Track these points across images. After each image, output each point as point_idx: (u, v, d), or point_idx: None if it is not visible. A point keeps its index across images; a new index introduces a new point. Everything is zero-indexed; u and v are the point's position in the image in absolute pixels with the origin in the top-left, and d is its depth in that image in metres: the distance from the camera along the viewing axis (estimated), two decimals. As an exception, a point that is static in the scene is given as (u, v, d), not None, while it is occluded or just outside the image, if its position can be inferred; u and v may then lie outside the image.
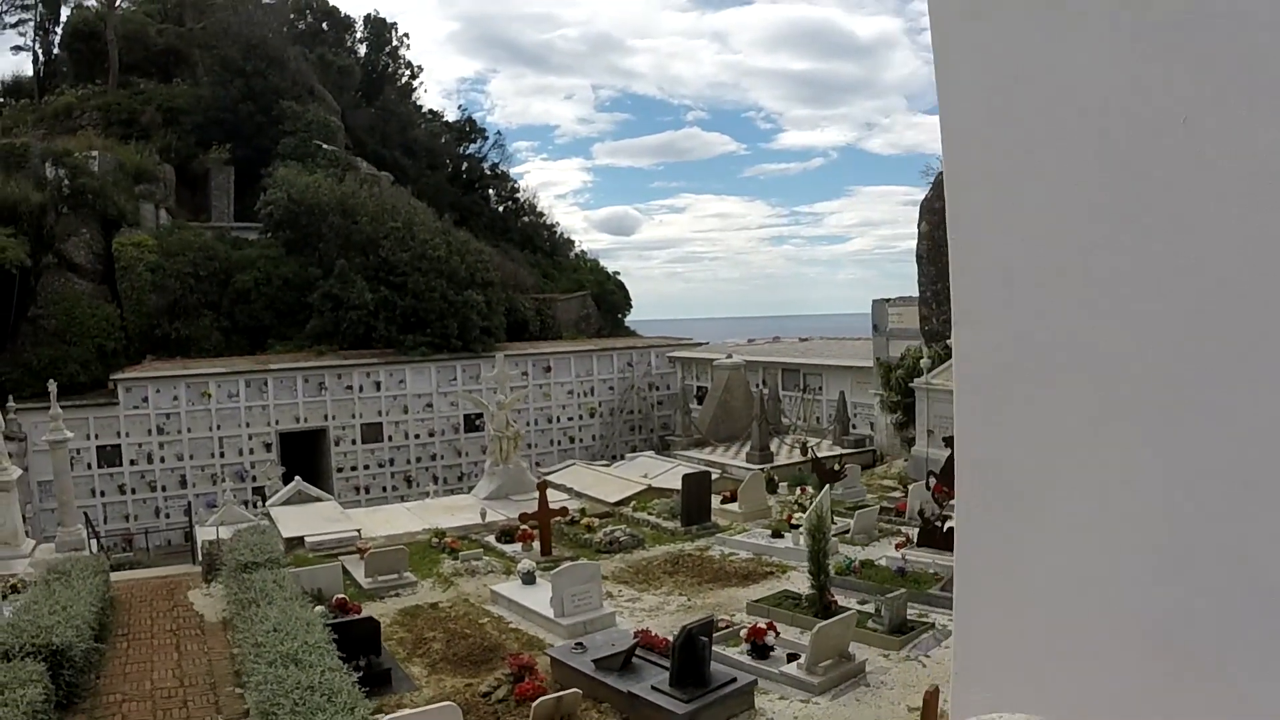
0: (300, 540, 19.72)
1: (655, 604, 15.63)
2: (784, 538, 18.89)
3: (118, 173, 40.91)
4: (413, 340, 37.70)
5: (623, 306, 54.11)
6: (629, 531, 19.98)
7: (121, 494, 32.55)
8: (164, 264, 37.05)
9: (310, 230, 39.94)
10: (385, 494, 35.37)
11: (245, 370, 34.84)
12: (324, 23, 61.55)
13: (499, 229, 54.26)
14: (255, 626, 11.22)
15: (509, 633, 14.25)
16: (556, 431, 40.57)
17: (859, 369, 33.10)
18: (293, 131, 46.38)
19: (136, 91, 49.62)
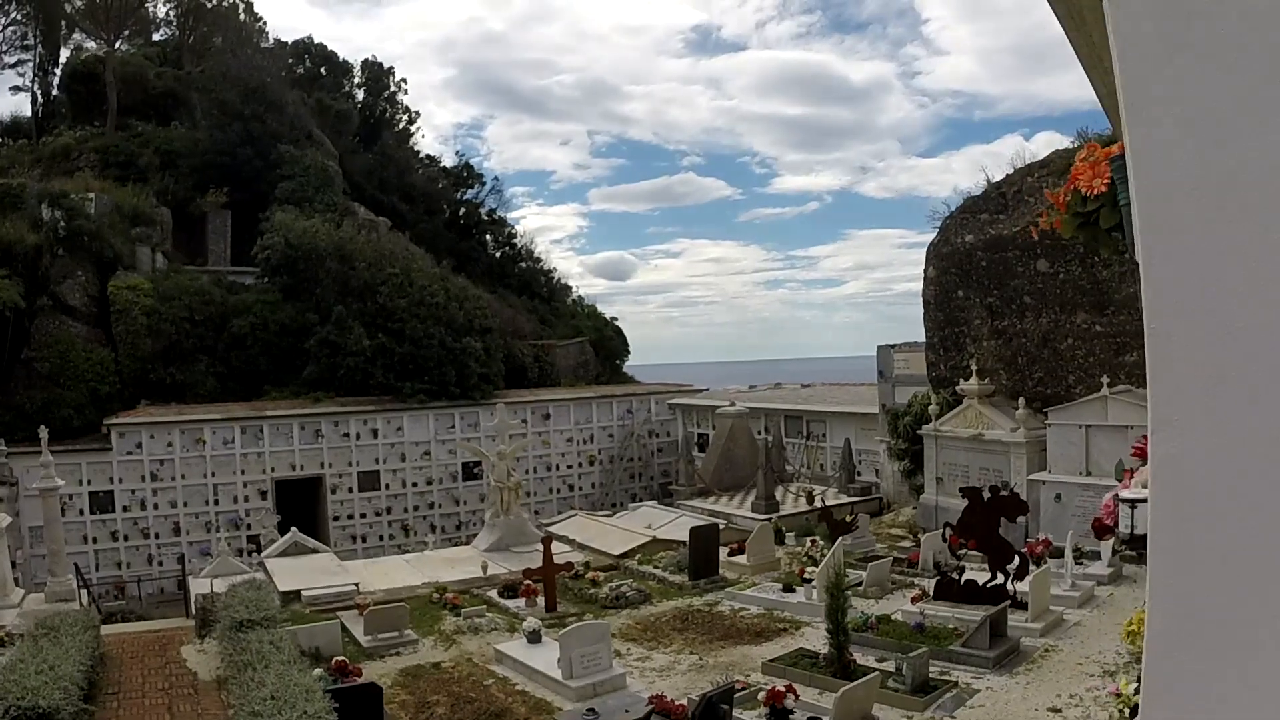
0: (297, 595, 19.22)
1: (666, 663, 15.09)
2: (795, 592, 18.44)
3: (114, 215, 40.54)
4: (410, 387, 37.21)
5: (621, 353, 53.86)
6: (635, 586, 19.50)
7: (114, 541, 31.94)
8: (159, 308, 36.65)
9: (307, 275, 39.56)
10: (382, 543, 34.82)
11: (241, 417, 34.32)
12: (322, 67, 61.69)
13: (496, 275, 54.01)
14: (252, 693, 10.69)
15: (515, 695, 13.70)
16: (556, 480, 40.03)
17: (863, 415, 32.62)
18: (290, 176, 46.05)
19: (134, 134, 49.57)
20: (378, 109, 64.05)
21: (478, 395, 38.61)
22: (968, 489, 17.33)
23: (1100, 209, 4.10)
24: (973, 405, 24.88)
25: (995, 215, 26.08)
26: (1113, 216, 4.01)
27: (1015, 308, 25.12)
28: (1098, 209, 4.12)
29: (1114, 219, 4.01)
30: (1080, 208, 4.22)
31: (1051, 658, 14.27)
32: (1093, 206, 4.14)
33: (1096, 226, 4.21)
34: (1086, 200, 4.15)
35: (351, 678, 13.09)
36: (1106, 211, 4.06)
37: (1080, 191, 4.17)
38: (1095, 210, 4.14)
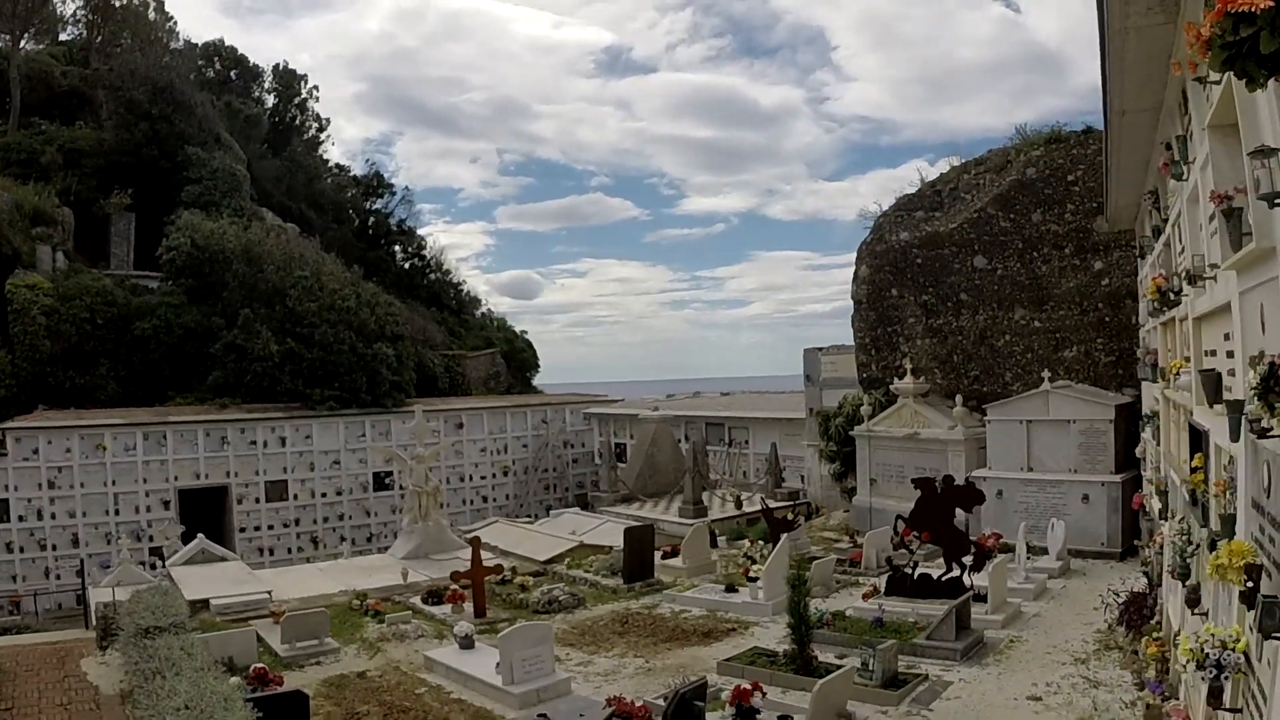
0: (205, 603, 18.14)
1: (610, 667, 14.49)
2: (739, 592, 18.02)
3: (14, 213, 39.06)
4: (320, 394, 36.20)
5: (531, 366, 53.29)
6: (568, 590, 18.82)
7: (8, 553, 30.39)
8: (59, 308, 35.22)
9: (214, 278, 38.41)
10: (290, 555, 33.54)
11: (143, 422, 32.99)
12: (232, 71, 60.63)
13: (405, 285, 52.86)
14: (162, 703, 9.70)
15: (451, 704, 12.93)
16: (469, 490, 39.13)
17: (788, 421, 32.41)
18: (198, 179, 44.59)
19: (37, 132, 47.82)
20: (288, 115, 62.86)
21: (389, 403, 37.69)
22: (920, 480, 17.03)
23: (1259, 32, 3.46)
24: (908, 404, 24.62)
25: (931, 213, 25.88)
26: (1275, 41, 3.39)
27: (951, 305, 24.91)
28: (1255, 33, 3.48)
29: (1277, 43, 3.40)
30: (1231, 35, 3.56)
31: (1018, 648, 14.13)
32: (1247, 32, 3.49)
33: (1250, 59, 3.57)
34: (1240, 24, 3.50)
35: (273, 686, 12.17)
36: (1266, 36, 3.43)
37: (1233, 15, 3.51)
38: (1252, 35, 3.49)
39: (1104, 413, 20.92)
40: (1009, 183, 24.15)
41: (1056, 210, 23.29)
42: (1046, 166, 23.63)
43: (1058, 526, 19.55)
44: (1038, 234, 23.51)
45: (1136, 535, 19.34)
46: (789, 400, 35.62)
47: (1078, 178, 23.06)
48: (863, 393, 26.87)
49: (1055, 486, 21.05)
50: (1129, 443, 20.46)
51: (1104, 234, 21.99)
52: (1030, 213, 23.65)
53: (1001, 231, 24.06)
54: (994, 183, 24.74)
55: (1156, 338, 13.85)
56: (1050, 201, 23.39)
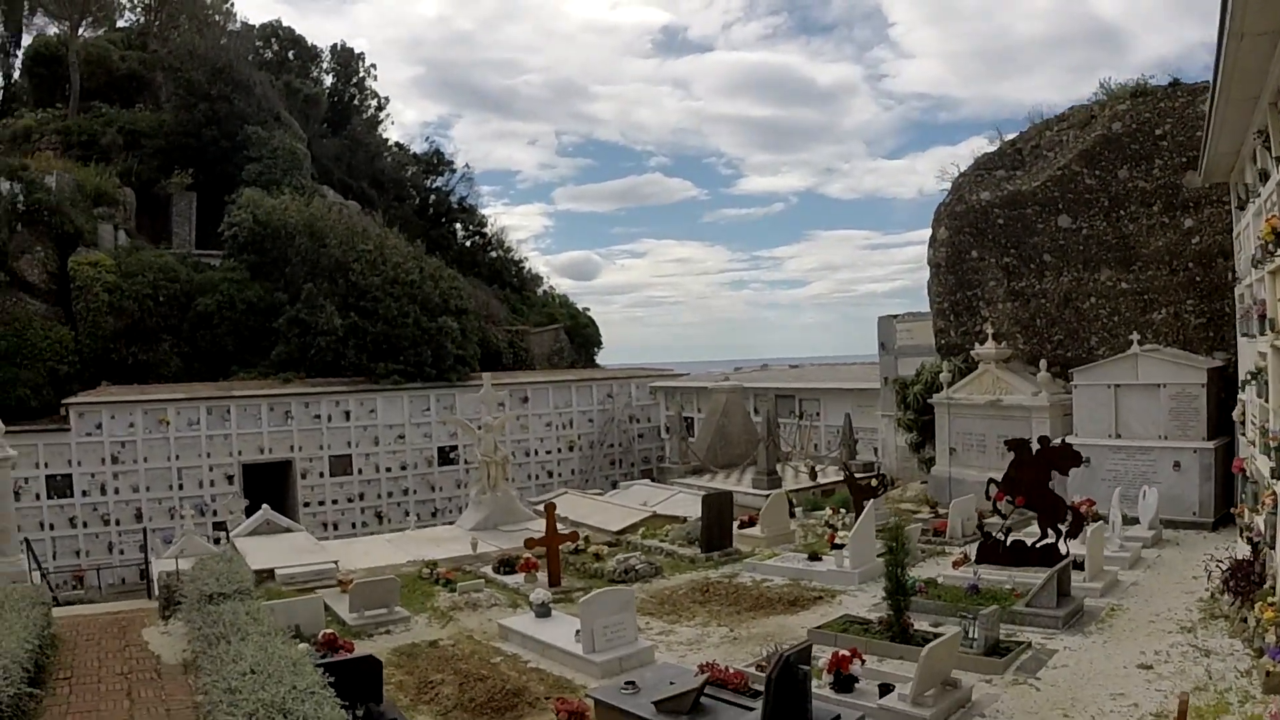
0: (270, 573, 17.60)
1: (693, 636, 13.84)
2: (823, 561, 17.26)
3: (76, 194, 39.19)
4: (384, 368, 35.99)
5: (595, 342, 52.95)
6: (645, 559, 18.08)
7: (72, 527, 30.50)
8: (122, 285, 35.16)
9: (276, 254, 38.31)
10: (354, 530, 33.28)
11: (207, 397, 32.94)
12: (290, 51, 60.11)
13: (466, 263, 52.32)
14: (227, 668, 9.02)
15: (529, 673, 12.27)
16: (534, 465, 38.78)
17: (861, 391, 31.70)
18: (258, 158, 44.54)
19: (98, 115, 47.94)
20: (347, 94, 62.53)
21: (454, 377, 37.38)
22: (1014, 441, 16.13)
23: None
24: (989, 370, 23.66)
25: (1012, 171, 24.85)
26: None
27: (1034, 267, 23.90)
28: None
29: None
30: None
31: (1120, 617, 13.43)
32: None
33: None
34: None
35: (342, 653, 11.53)
36: None
37: None
38: None
39: (1196, 376, 19.91)
40: (1093, 139, 23.07)
41: (1144, 166, 22.21)
42: (1133, 121, 22.51)
43: (1149, 494, 18.62)
44: (1124, 191, 22.43)
45: (1229, 504, 18.34)
46: (859, 371, 35.00)
47: (1166, 132, 21.96)
48: (941, 360, 25.94)
49: (1145, 453, 20.09)
50: (1221, 408, 19.58)
51: (1195, 189, 20.94)
52: (1116, 169, 22.56)
53: (1086, 189, 23.00)
54: (1078, 139, 23.68)
55: (1265, 287, 12.86)
56: (1137, 157, 22.31)
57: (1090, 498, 18.38)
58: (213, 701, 8.59)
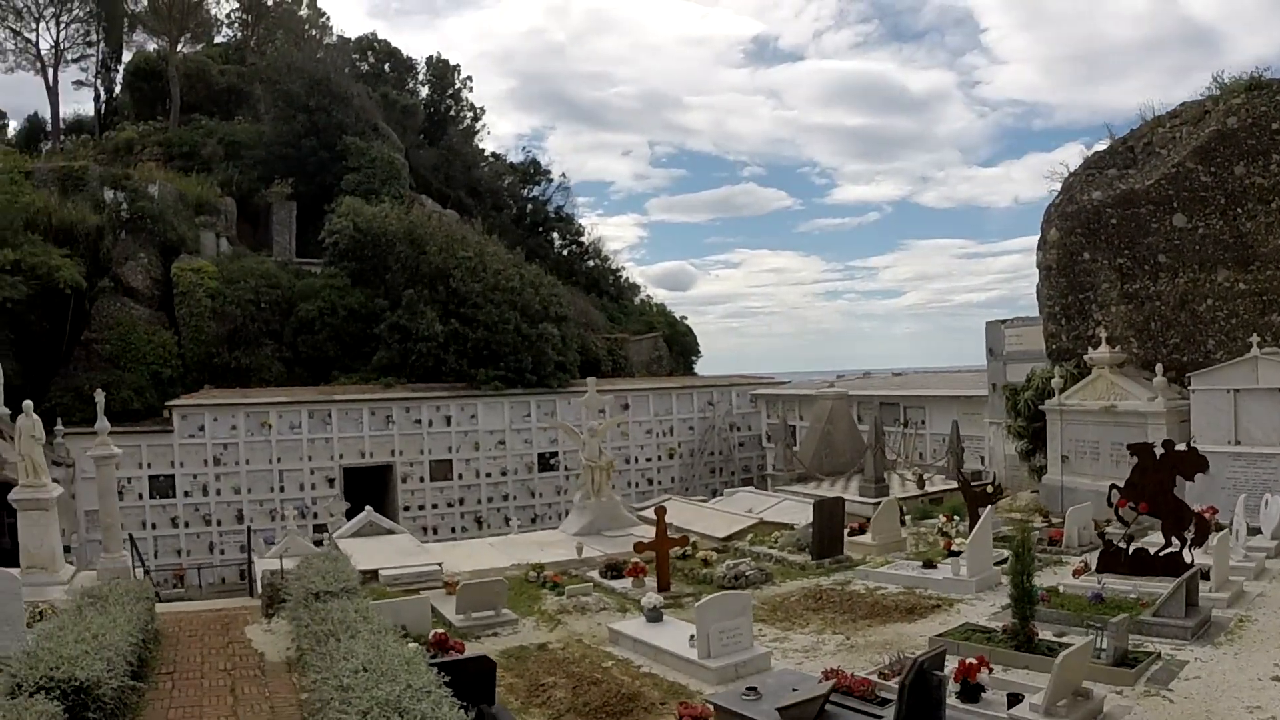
0: (374, 574, 17.27)
1: (808, 644, 13.28)
2: (937, 568, 16.61)
3: (178, 203, 40.05)
4: (485, 374, 35.85)
5: (693, 350, 52.51)
6: (755, 565, 17.44)
7: (174, 527, 30.86)
8: (224, 290, 35.61)
9: (376, 261, 38.42)
10: (454, 535, 33.12)
11: (309, 400, 33.18)
12: (386, 64, 60.85)
13: (564, 271, 52.17)
14: (338, 665, 8.68)
15: (642, 678, 11.78)
16: (634, 473, 38.38)
17: (966, 398, 31.06)
18: (356, 168, 44.87)
19: (198, 127, 48.75)
20: (443, 105, 63.03)
21: (554, 383, 37.17)
22: (1137, 445, 15.38)
23: None
24: (1103, 375, 22.68)
25: (1124, 170, 23.80)
26: None
27: (1148, 268, 22.85)
28: None
29: None
30: None
31: (1249, 628, 12.70)
32: None
33: None
34: None
35: (452, 653, 11.09)
36: None
37: None
38: None
39: (1320, 380, 18.89)
40: (1208, 134, 22.00)
41: (1261, 162, 21.11)
42: (1249, 115, 21.40)
43: (1273, 503, 17.66)
44: (1241, 188, 21.33)
45: (1356, 515, 17.27)
46: (965, 379, 34.32)
47: (1284, 124, 20.89)
48: (1051, 365, 24.98)
49: (1266, 460, 19.08)
50: (1346, 414, 18.50)
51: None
52: (1232, 165, 21.47)
53: (1201, 187, 21.92)
54: (1191, 135, 22.62)
55: None
56: (1254, 153, 21.20)
57: (1213, 505, 17.46)
58: (323, 699, 8.29)
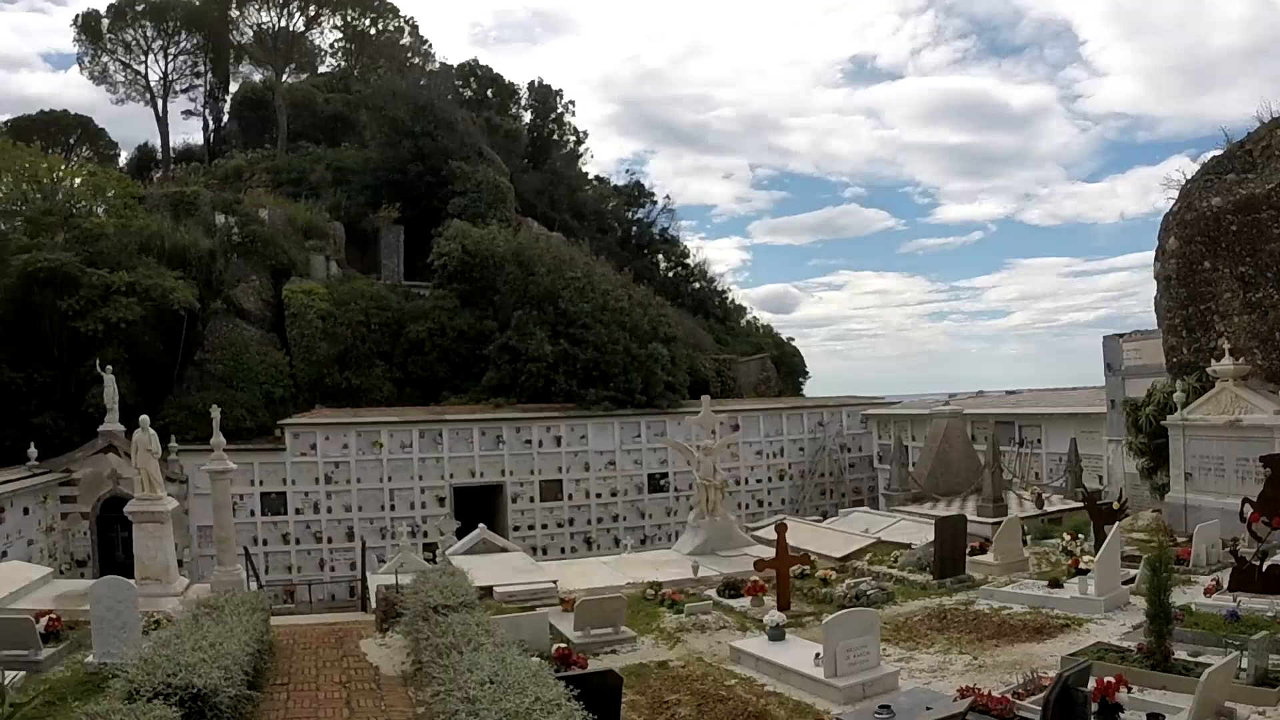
0: (488, 591, 16.99)
1: (934, 664, 12.83)
2: (1064, 587, 16.00)
3: (288, 227, 40.63)
4: (595, 394, 35.72)
5: (800, 372, 52.15)
6: (875, 584, 16.89)
7: (285, 543, 31.22)
8: (335, 312, 36.02)
9: (484, 282, 38.66)
10: (564, 556, 32.73)
11: (419, 420, 33.30)
12: (489, 89, 61.29)
13: (670, 294, 51.85)
14: (463, 677, 8.45)
15: (767, 696, 11.39)
16: (745, 494, 37.98)
17: (1084, 416, 30.22)
18: (463, 191, 45.32)
19: (305, 154, 49.45)
20: (545, 130, 63.36)
21: (664, 404, 36.86)
22: (1270, 457, 14.62)
23: None
24: (1227, 388, 21.59)
25: (1243, 174, 22.75)
26: None
27: (1272, 275, 21.77)
28: None
29: None
30: None
31: None
32: None
33: None
34: None
35: (574, 669, 10.74)
36: None
37: None
38: None
39: None
40: (1328, 135, 21.00)
41: (1384, 161, 20.10)
42: (1371, 112, 20.44)
43: None
44: (1366, 190, 20.30)
45: None
46: (1080, 396, 33.41)
47: (1407, 120, 19.85)
48: (1172, 379, 23.95)
49: None
50: None
51: None
52: (1354, 166, 20.48)
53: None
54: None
55: None
56: (1377, 153, 20.20)
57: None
58: (448, 711, 8.06)
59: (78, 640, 13.34)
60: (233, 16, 56.47)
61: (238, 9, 56.19)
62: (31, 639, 12.66)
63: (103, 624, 12.27)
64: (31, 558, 23.74)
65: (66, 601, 16.03)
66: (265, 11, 55.47)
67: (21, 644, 12.47)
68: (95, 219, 35.52)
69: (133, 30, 56.51)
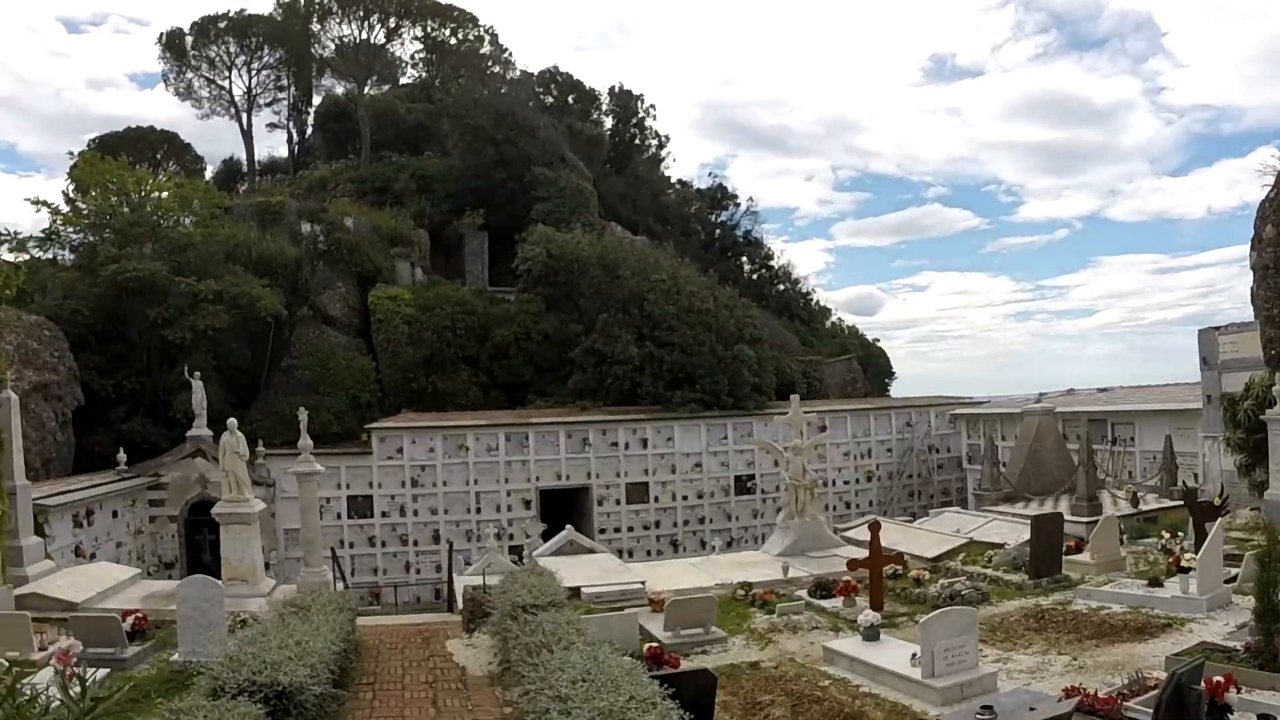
0: (576, 592, 16.77)
1: (1033, 664, 12.50)
2: (1164, 587, 15.54)
3: (373, 235, 40.94)
4: (681, 396, 35.46)
5: (887, 373, 51.81)
6: (969, 584, 16.47)
7: (371, 546, 31.35)
8: (421, 317, 36.21)
9: (569, 286, 38.64)
10: (650, 559, 32.40)
11: (506, 423, 33.31)
12: (570, 96, 61.26)
13: (755, 296, 51.57)
14: (554, 675, 8.23)
15: (863, 698, 11.10)
16: (832, 496, 37.26)
17: (1178, 412, 29.45)
18: (546, 197, 45.31)
19: (388, 163, 49.89)
20: (627, 135, 63.28)
21: (750, 405, 36.45)
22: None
23: None
24: (1326, 381, 20.77)
25: (1340, 157, 21.86)
26: None
27: (1376, 260, 20.92)
28: None
29: None
30: None
31: None
32: None
33: None
34: None
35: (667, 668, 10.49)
36: None
37: None
38: None
39: None
40: None
41: None
42: None
43: None
44: None
45: None
46: (1174, 392, 32.66)
47: None
48: (1271, 372, 23.11)
49: None
50: None
51: None
52: None
53: None
54: None
55: None
56: None
57: None
58: (539, 709, 7.85)
59: (163, 639, 13.42)
60: (314, 30, 57.10)
61: (319, 23, 56.86)
62: (118, 637, 12.75)
63: (188, 622, 12.35)
64: (119, 560, 24.06)
65: (154, 601, 16.19)
66: (346, 24, 56.03)
67: (108, 642, 12.54)
68: (182, 229, 36.18)
69: (216, 46, 57.37)
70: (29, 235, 36.09)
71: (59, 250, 37.36)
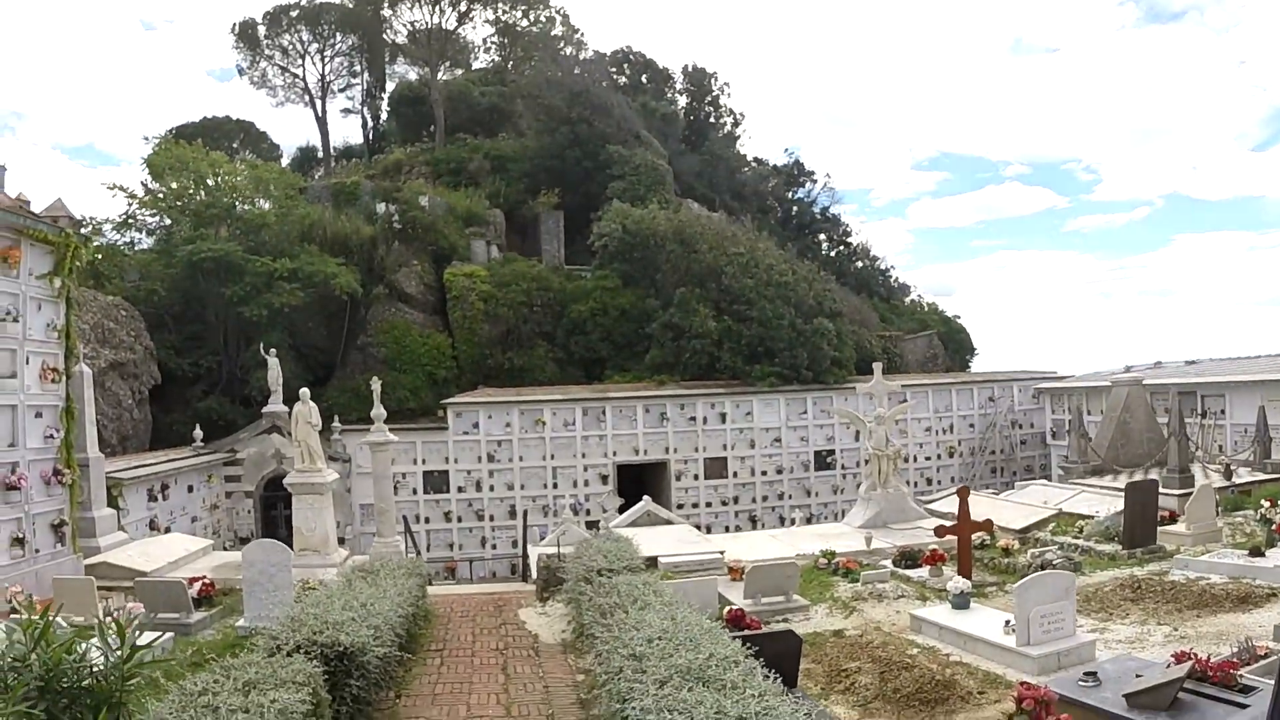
0: (653, 561, 16.41)
1: (1131, 634, 12.06)
2: (1266, 556, 15.07)
3: (448, 215, 40.87)
4: (760, 370, 34.91)
5: (968, 349, 50.46)
6: (1061, 554, 15.93)
7: (446, 521, 31.25)
8: (496, 294, 36.01)
9: (646, 261, 38.21)
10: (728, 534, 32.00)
11: (582, 398, 33.05)
12: (643, 75, 61.02)
13: (834, 273, 50.73)
14: (628, 634, 7.82)
15: (953, 666, 10.72)
16: (913, 472, 36.53)
17: (1273, 384, 28.75)
18: (621, 175, 44.96)
19: (463, 145, 49.92)
20: (702, 112, 62.71)
21: (830, 379, 35.80)
22: None
23: None
24: None
25: None
26: None
27: None
28: None
29: None
30: None
31: None
32: None
33: None
34: None
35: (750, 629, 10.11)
36: None
37: None
38: None
39: None
40: None
41: None
42: None
43: None
44: None
45: None
46: (1264, 364, 31.86)
47: None
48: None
49: None
50: None
51: None
52: None
53: None
54: None
55: None
56: None
57: None
58: (611, 669, 7.41)
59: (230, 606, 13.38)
60: (385, 17, 57.32)
61: (390, 9, 56.98)
62: (183, 602, 12.70)
63: (255, 588, 12.23)
64: (195, 534, 24.05)
65: (224, 571, 16.19)
66: (417, 10, 56.09)
67: (174, 607, 12.51)
68: (257, 209, 36.36)
69: (289, 35, 57.95)
70: (105, 219, 36.34)
71: (136, 234, 37.65)
